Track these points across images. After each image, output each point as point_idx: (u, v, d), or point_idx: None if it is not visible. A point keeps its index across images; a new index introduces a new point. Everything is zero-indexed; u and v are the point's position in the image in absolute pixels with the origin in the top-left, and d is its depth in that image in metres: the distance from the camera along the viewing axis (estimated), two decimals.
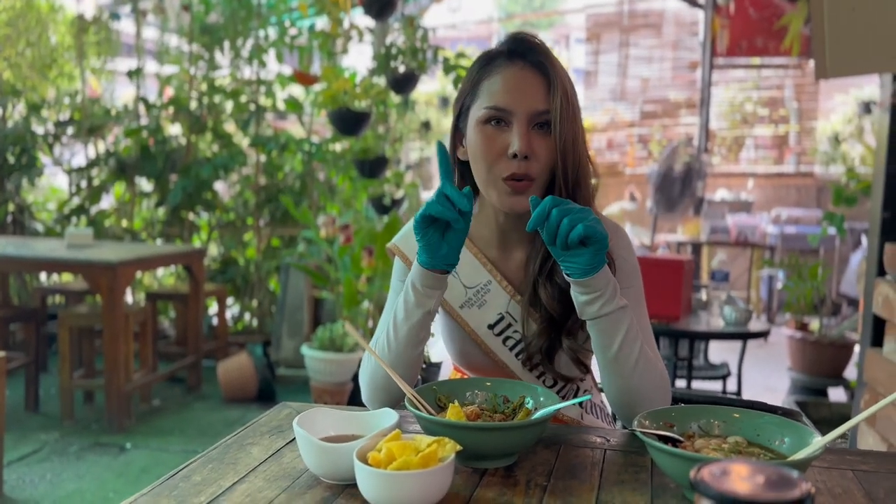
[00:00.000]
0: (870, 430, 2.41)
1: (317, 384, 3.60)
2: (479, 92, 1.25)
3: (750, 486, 0.63)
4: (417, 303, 1.19)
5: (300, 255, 4.52)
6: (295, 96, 5.17)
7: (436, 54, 4.31)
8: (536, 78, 1.22)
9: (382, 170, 4.01)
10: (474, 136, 1.25)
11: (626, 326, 1.16)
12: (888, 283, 2.30)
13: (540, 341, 1.29)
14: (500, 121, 1.23)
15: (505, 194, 1.24)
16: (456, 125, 1.33)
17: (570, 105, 1.22)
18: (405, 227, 1.43)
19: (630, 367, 1.17)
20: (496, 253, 1.36)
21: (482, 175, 1.26)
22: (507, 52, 1.25)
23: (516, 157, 1.21)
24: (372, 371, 1.27)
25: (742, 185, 7.66)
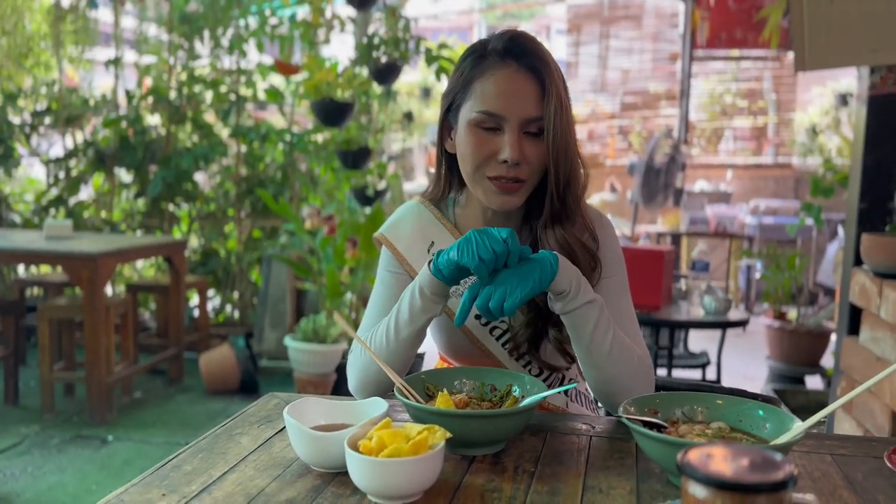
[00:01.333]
0: (846, 417, 2.45)
1: (300, 375, 3.60)
2: (471, 91, 1.24)
3: (735, 469, 0.64)
4: (424, 308, 1.19)
5: (282, 246, 4.51)
6: (276, 86, 5.14)
7: (418, 45, 4.30)
8: (530, 83, 1.21)
9: (365, 161, 4.00)
10: (465, 136, 1.24)
11: (594, 319, 1.17)
12: (865, 273, 2.34)
13: (527, 331, 1.30)
14: (492, 126, 1.22)
15: (492, 193, 1.25)
16: (444, 118, 1.32)
17: (563, 110, 1.21)
18: (392, 216, 1.44)
19: (604, 356, 1.19)
20: None
21: (469, 174, 1.26)
22: (501, 51, 1.23)
23: (506, 163, 1.21)
24: (364, 364, 1.28)
25: (721, 176, 7.73)
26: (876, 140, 2.44)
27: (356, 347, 1.30)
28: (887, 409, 2.14)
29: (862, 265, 2.39)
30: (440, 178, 1.37)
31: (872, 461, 1.07)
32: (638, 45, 8.52)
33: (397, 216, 1.42)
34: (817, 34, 2.40)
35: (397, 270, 1.38)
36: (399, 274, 1.38)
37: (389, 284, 1.38)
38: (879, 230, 2.43)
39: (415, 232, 1.38)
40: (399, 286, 1.36)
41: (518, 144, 1.21)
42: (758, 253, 4.12)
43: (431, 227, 1.38)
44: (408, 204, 1.44)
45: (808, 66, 2.44)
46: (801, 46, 2.44)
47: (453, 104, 1.28)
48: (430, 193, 1.40)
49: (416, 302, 1.19)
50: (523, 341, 1.31)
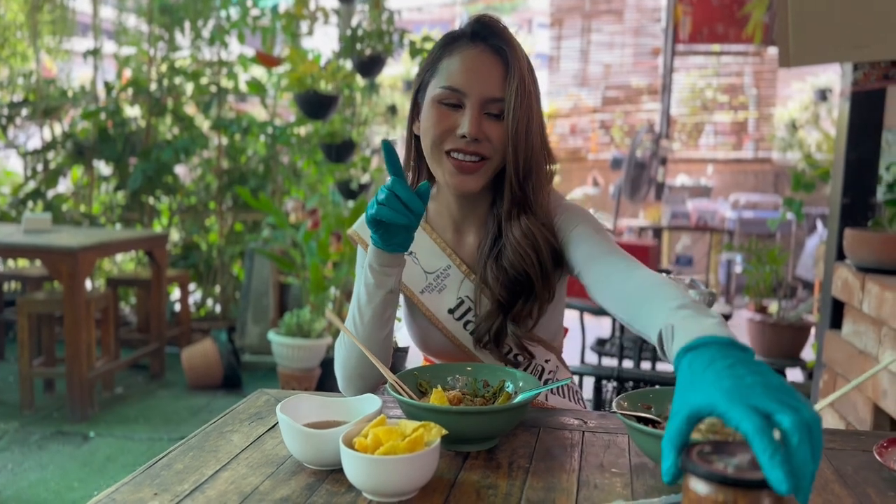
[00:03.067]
0: (828, 409, 2.48)
1: (284, 370, 3.58)
2: (438, 70, 1.25)
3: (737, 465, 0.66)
4: (377, 283, 1.20)
5: (265, 240, 4.47)
6: (257, 78, 5.10)
7: (402, 37, 4.28)
8: (495, 63, 1.23)
9: (349, 154, 3.98)
10: (427, 112, 1.25)
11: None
12: (847, 268, 2.37)
13: (488, 323, 1.30)
14: (454, 101, 1.23)
15: (451, 173, 1.25)
16: (415, 100, 1.33)
17: (525, 93, 1.22)
18: (364, 214, 1.44)
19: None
20: (453, 237, 1.37)
21: (429, 149, 1.26)
22: (469, 33, 1.25)
23: (465, 138, 1.22)
24: (344, 359, 1.27)
25: (702, 170, 7.78)
26: (858, 136, 2.47)
27: (339, 345, 1.29)
28: (870, 402, 2.17)
29: (844, 260, 2.41)
30: (409, 162, 1.36)
31: (861, 455, 1.08)
32: (619, 40, 8.54)
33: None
34: (801, 31, 2.42)
35: None
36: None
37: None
38: (862, 225, 2.46)
39: None
40: None
41: (477, 121, 1.21)
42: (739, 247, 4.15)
43: None
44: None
45: (792, 63, 2.45)
46: (786, 43, 2.46)
47: (422, 84, 1.29)
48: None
49: (368, 279, 1.20)
50: (485, 332, 1.31)
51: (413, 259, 1.36)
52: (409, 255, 1.36)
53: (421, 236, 1.36)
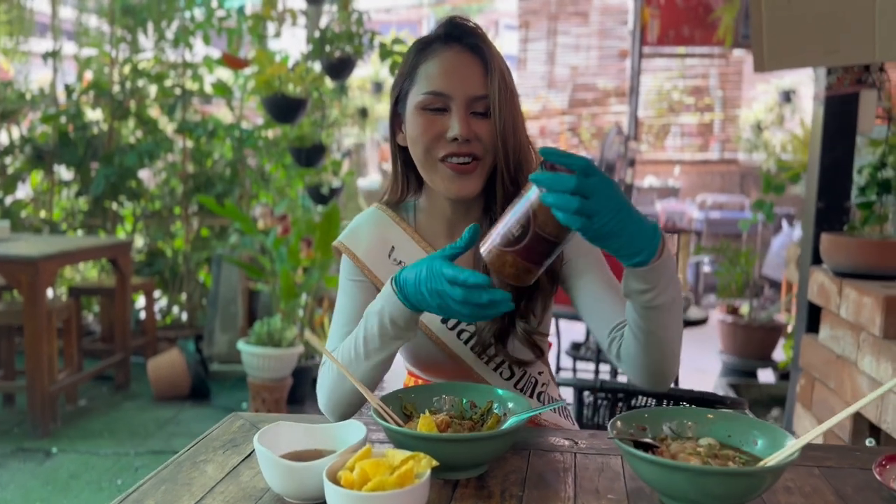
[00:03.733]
0: (805, 413, 2.48)
1: (254, 380, 3.49)
2: (417, 77, 1.23)
3: None
4: (396, 336, 1.13)
5: (232, 246, 4.38)
6: (223, 80, 4.99)
7: (372, 39, 4.22)
8: (473, 62, 1.22)
9: (320, 158, 3.91)
10: (413, 120, 1.23)
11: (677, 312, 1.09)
12: (824, 272, 2.37)
13: (493, 327, 1.27)
14: (439, 105, 1.21)
15: (448, 178, 1.22)
16: (394, 111, 1.30)
17: (507, 88, 1.21)
18: (351, 223, 1.39)
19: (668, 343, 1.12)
20: (445, 243, 1.33)
21: (420, 158, 1.23)
22: (443, 36, 1.24)
23: (456, 141, 1.19)
24: (330, 388, 1.22)
25: (669, 171, 7.84)
26: (833, 140, 2.47)
27: (326, 363, 1.24)
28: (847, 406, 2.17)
29: (821, 264, 2.42)
30: (396, 176, 1.33)
31: (860, 473, 1.06)
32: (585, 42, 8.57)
33: (355, 223, 1.38)
34: (775, 35, 2.42)
35: (358, 278, 1.33)
36: (360, 281, 1.33)
37: (352, 294, 1.33)
38: (837, 229, 2.47)
39: (374, 237, 1.34)
40: (362, 294, 1.32)
41: (466, 120, 1.20)
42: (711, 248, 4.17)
43: (390, 230, 1.34)
44: (366, 211, 1.40)
45: (766, 67, 2.45)
46: (760, 47, 2.45)
47: (401, 94, 1.27)
48: (388, 196, 1.36)
49: (386, 331, 1.12)
50: (489, 337, 1.27)
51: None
52: (399, 265, 1.32)
53: (410, 245, 1.32)
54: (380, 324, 1.12)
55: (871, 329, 2.03)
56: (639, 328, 1.11)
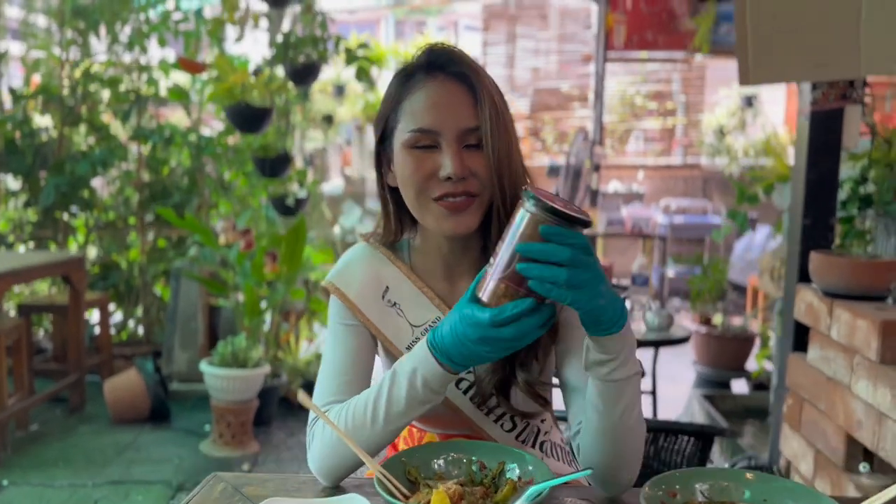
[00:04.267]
0: (794, 434, 2.44)
1: (218, 403, 3.34)
2: (402, 112, 1.13)
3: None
4: (425, 399, 1.03)
5: (191, 259, 4.20)
6: (180, 85, 4.79)
7: (337, 44, 4.09)
8: (461, 91, 1.12)
9: (285, 168, 3.76)
10: (402, 161, 1.13)
11: (632, 395, 1.03)
12: (812, 291, 2.32)
13: (493, 378, 1.17)
14: (429, 143, 1.11)
15: (442, 217, 1.12)
16: (380, 149, 1.20)
17: (499, 116, 1.11)
18: (340, 261, 1.27)
19: (623, 432, 1.05)
20: (443, 285, 1.24)
21: (413, 201, 1.14)
22: (424, 65, 1.14)
23: (450, 180, 1.10)
24: (330, 445, 1.10)
25: (632, 176, 7.84)
26: (818, 156, 2.43)
27: (321, 430, 1.12)
28: (841, 431, 2.12)
29: (808, 282, 2.37)
30: (389, 217, 1.23)
31: None
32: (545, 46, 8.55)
33: (346, 261, 1.27)
34: (761, 49, 2.36)
35: (350, 321, 1.22)
36: (353, 325, 1.22)
37: (345, 340, 1.21)
38: (823, 246, 2.42)
39: (366, 276, 1.23)
40: (355, 339, 1.21)
41: (459, 157, 1.10)
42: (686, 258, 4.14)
43: (384, 270, 1.24)
44: (355, 247, 1.29)
45: (752, 81, 2.40)
46: (745, 60, 2.40)
47: (386, 131, 1.17)
48: (382, 237, 1.25)
49: (415, 393, 1.03)
50: (490, 389, 1.17)
51: (397, 311, 1.21)
52: (393, 307, 1.21)
53: (405, 285, 1.22)
54: (409, 386, 1.03)
55: (867, 353, 1.98)
56: (596, 410, 1.03)
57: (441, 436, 1.27)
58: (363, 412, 1.07)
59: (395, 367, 1.07)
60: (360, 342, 1.20)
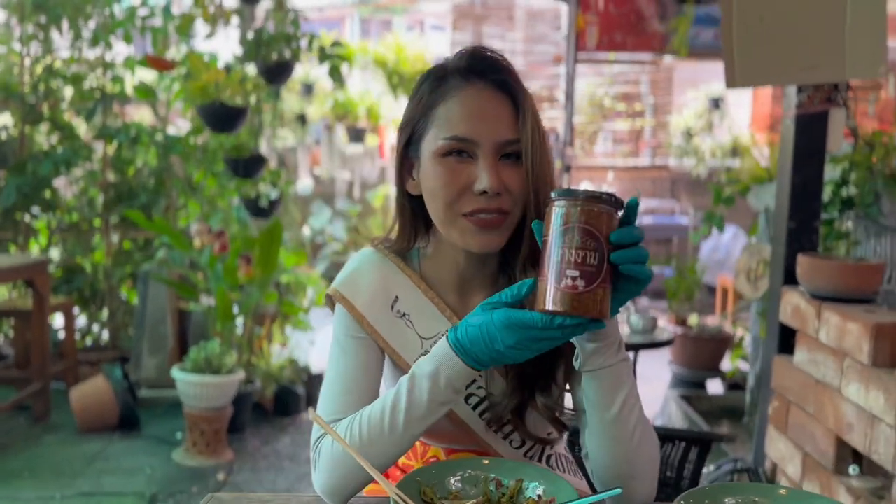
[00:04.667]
0: (780, 436, 2.44)
1: (191, 410, 3.24)
2: (434, 118, 1.08)
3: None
4: (446, 400, 1.00)
5: (160, 262, 4.08)
6: (147, 83, 4.66)
7: (311, 42, 4.01)
8: (501, 101, 1.07)
9: (259, 169, 3.68)
10: (431, 170, 1.07)
11: (629, 382, 1.03)
12: (799, 294, 2.33)
13: (511, 401, 1.12)
14: (463, 152, 1.06)
15: (470, 233, 1.07)
16: (404, 155, 1.14)
17: (539, 130, 1.07)
18: (346, 268, 1.22)
19: (630, 430, 1.03)
20: (455, 298, 1.19)
21: (440, 214, 1.08)
22: (463, 69, 1.08)
23: (485, 194, 1.05)
24: (340, 461, 1.05)
25: (602, 177, 7.88)
26: (803, 159, 2.44)
27: (330, 446, 1.06)
28: (831, 433, 2.12)
29: (794, 285, 2.38)
30: (405, 226, 1.18)
31: None
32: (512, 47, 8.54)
33: (352, 268, 1.20)
34: (747, 52, 2.36)
35: (359, 334, 1.16)
36: (361, 338, 1.16)
37: (353, 352, 1.15)
38: (808, 248, 2.43)
39: (375, 285, 1.17)
40: (364, 352, 1.15)
41: (495, 170, 1.05)
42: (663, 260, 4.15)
43: (393, 278, 1.18)
44: (362, 252, 1.23)
45: (738, 84, 2.40)
46: (731, 63, 2.39)
47: (413, 137, 1.11)
48: (394, 244, 1.20)
49: (438, 395, 0.99)
50: (506, 413, 1.13)
51: (406, 322, 1.16)
52: (402, 318, 1.16)
53: (415, 295, 1.17)
54: (432, 386, 0.99)
55: (858, 356, 1.98)
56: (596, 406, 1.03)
57: (446, 451, 1.23)
58: (380, 420, 1.02)
59: (412, 372, 1.03)
60: (368, 356, 1.15)
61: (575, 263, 0.88)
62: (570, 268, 0.89)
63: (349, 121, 6.85)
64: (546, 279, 0.91)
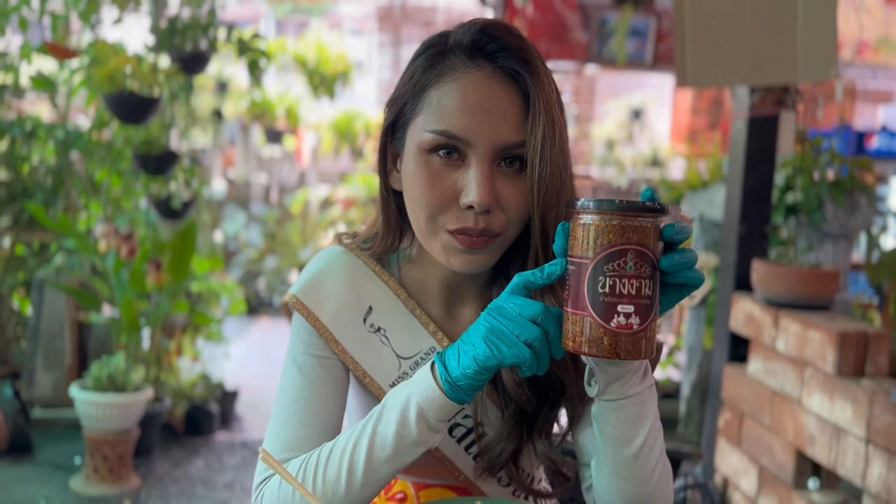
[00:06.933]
0: (732, 449, 2.36)
1: (93, 434, 2.90)
2: (425, 102, 0.88)
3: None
4: (419, 440, 0.80)
5: (57, 269, 3.70)
6: (44, 73, 4.26)
7: (230, 33, 3.74)
8: (509, 93, 0.87)
9: (170, 166, 3.38)
10: (413, 169, 0.88)
11: (653, 412, 0.86)
12: (752, 301, 2.25)
13: (508, 446, 0.94)
14: (454, 151, 0.86)
15: (452, 251, 0.88)
16: (388, 139, 0.93)
17: (556, 134, 0.86)
18: (308, 269, 0.99)
19: (650, 469, 0.87)
20: (441, 310, 0.99)
21: (419, 224, 0.89)
22: (468, 46, 0.88)
23: (472, 210, 0.85)
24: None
25: None
26: (755, 162, 2.38)
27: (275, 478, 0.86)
28: (790, 446, 2.04)
29: (747, 291, 2.30)
30: (388, 227, 0.97)
31: None
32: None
33: (316, 270, 0.98)
34: (699, 52, 2.29)
35: (321, 352, 0.95)
36: (324, 357, 0.95)
37: (313, 374, 0.94)
38: (758, 254, 2.37)
39: (344, 292, 0.96)
40: (327, 374, 0.94)
41: (489, 182, 0.85)
42: None
43: (367, 285, 0.98)
44: (329, 252, 1.01)
45: (689, 83, 2.32)
46: (683, 63, 2.32)
47: (399, 120, 0.91)
48: (373, 246, 0.99)
49: (408, 431, 0.79)
50: (500, 457, 0.95)
51: (381, 338, 0.96)
52: (377, 333, 0.96)
53: (393, 305, 0.96)
54: (399, 424, 0.79)
55: (821, 366, 1.90)
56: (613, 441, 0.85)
57: (416, 484, 1.03)
58: (339, 460, 0.83)
59: (384, 400, 0.83)
60: (331, 379, 0.94)
61: (629, 297, 0.71)
62: (624, 302, 0.71)
63: (266, 121, 6.55)
64: (584, 315, 0.72)
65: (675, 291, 0.78)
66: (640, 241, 0.72)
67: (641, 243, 0.72)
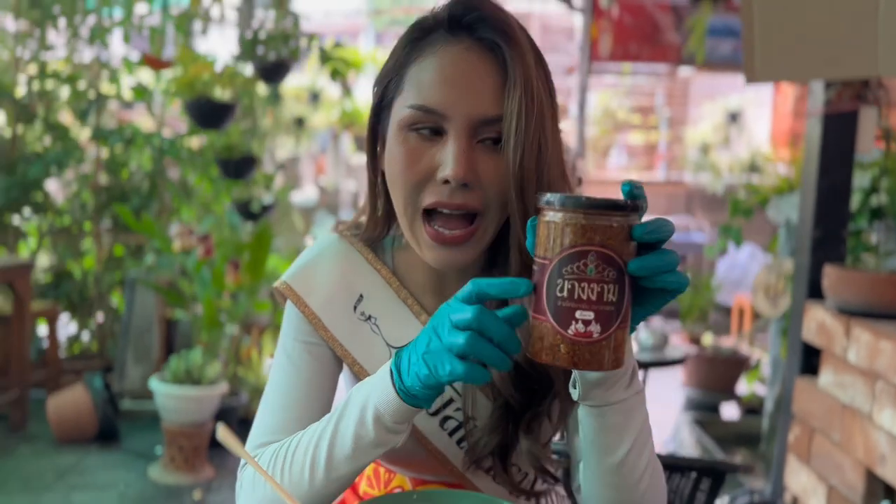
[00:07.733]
0: (802, 466, 2.22)
1: (170, 425, 3.05)
2: (405, 79, 0.86)
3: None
4: (378, 441, 0.79)
5: (148, 268, 3.91)
6: (144, 84, 4.52)
7: (311, 42, 3.85)
8: (486, 64, 0.84)
9: (250, 170, 3.51)
10: (393, 147, 0.86)
11: (641, 418, 0.81)
12: (825, 309, 2.11)
13: (492, 439, 0.91)
14: (430, 127, 0.84)
15: (427, 246, 0.86)
16: (375, 120, 0.92)
17: (534, 107, 0.82)
18: (302, 256, 1.00)
19: (636, 479, 0.82)
20: (433, 299, 0.97)
21: (400, 205, 0.87)
22: (447, 20, 0.85)
23: (448, 184, 0.83)
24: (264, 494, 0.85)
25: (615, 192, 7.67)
26: (831, 162, 2.23)
27: (252, 470, 0.87)
28: (860, 465, 1.90)
29: (819, 299, 2.16)
30: (376, 209, 0.95)
31: None
32: None
33: (309, 257, 0.99)
34: (769, 43, 2.17)
35: (309, 338, 0.95)
36: (312, 343, 0.95)
37: (300, 360, 0.95)
38: (834, 260, 2.22)
39: (335, 279, 0.96)
40: (314, 361, 0.95)
41: (465, 156, 0.82)
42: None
43: (359, 273, 0.97)
44: (324, 239, 1.01)
45: (758, 78, 2.19)
46: (752, 56, 2.20)
47: (384, 99, 0.89)
48: (363, 232, 0.99)
49: (366, 432, 0.78)
50: (485, 451, 0.92)
51: (372, 326, 0.95)
52: (367, 321, 0.95)
53: (385, 293, 0.96)
54: (357, 423, 0.78)
55: (893, 379, 1.76)
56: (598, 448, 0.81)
57: (414, 480, 1.02)
58: (304, 452, 0.82)
59: (350, 393, 0.83)
60: (321, 367, 0.95)
61: (589, 302, 0.66)
62: (583, 308, 0.66)
63: (356, 130, 6.70)
64: (544, 321, 0.68)
65: (655, 297, 0.72)
66: (602, 241, 0.67)
67: (605, 244, 0.66)
